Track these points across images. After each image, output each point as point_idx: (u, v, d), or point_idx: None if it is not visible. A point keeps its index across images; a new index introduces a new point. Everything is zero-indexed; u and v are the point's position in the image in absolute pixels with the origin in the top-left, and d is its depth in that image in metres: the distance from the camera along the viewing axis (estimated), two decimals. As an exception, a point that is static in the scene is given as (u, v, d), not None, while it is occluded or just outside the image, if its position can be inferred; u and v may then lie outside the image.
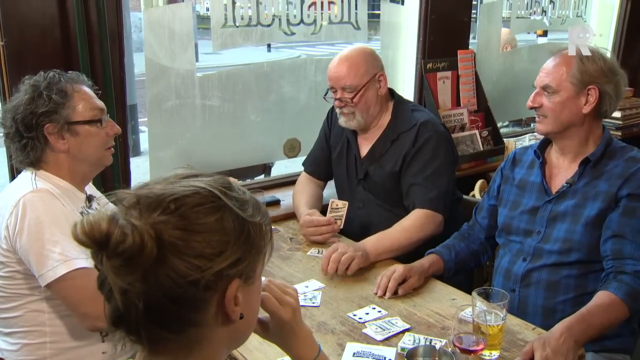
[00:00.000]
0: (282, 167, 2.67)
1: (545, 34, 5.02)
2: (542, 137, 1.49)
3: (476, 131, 2.60)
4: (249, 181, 2.48)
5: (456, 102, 2.62)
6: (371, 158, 1.83)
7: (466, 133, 2.58)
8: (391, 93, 1.87)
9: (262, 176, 2.89)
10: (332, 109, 2.01)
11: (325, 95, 1.84)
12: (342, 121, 1.80)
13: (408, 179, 1.74)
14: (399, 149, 1.77)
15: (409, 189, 1.73)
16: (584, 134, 1.40)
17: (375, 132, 1.83)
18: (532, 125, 3.42)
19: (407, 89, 2.57)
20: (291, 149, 2.31)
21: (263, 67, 2.21)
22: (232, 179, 0.74)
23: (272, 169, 2.97)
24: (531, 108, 1.39)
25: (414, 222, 1.67)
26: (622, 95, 1.39)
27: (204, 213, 0.64)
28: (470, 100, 2.65)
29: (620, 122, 3.27)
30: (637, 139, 3.33)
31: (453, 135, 2.49)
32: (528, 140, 2.85)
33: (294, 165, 2.24)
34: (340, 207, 1.77)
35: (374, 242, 1.61)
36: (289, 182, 2.26)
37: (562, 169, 1.44)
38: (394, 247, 1.63)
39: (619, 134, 3.23)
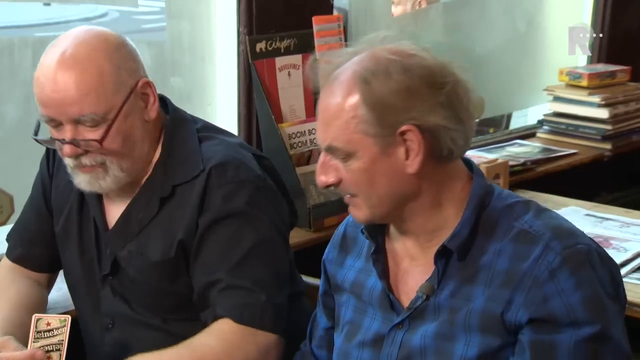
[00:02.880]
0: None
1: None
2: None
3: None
4: None
5: (314, 109, 2.35)
6: (124, 233, 1.66)
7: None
8: (163, 106, 1.68)
9: None
10: None
11: (37, 132, 1.61)
12: (82, 182, 1.59)
13: (199, 275, 1.60)
14: (176, 215, 1.62)
15: (205, 292, 1.59)
16: (430, 202, 1.28)
17: (134, 184, 1.66)
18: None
19: (222, 92, 2.43)
20: None
21: None
22: None
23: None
24: (327, 187, 1.28)
25: (216, 340, 1.54)
26: (473, 111, 1.25)
27: None
28: (340, 103, 2.45)
29: (609, 127, 3.11)
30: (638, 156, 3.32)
31: (310, 168, 2.33)
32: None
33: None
34: (55, 328, 1.52)
35: None
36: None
37: (414, 262, 1.33)
38: None
39: (608, 147, 3.12)
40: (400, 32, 2.81)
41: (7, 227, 1.95)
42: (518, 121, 3.71)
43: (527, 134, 3.21)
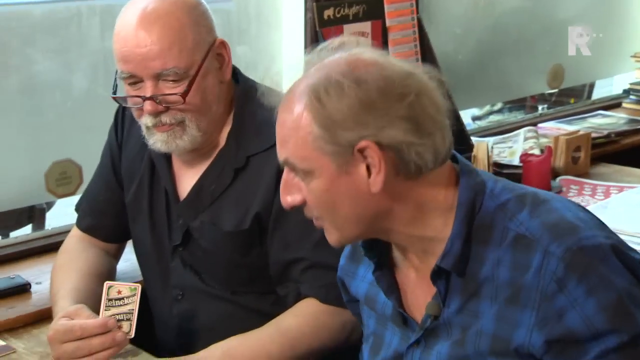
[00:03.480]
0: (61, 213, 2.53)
1: None
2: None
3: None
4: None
5: None
6: (196, 204, 1.67)
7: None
8: (233, 75, 1.68)
9: (30, 228, 2.72)
10: (124, 107, 1.77)
11: (115, 90, 1.62)
12: (158, 141, 1.60)
13: (279, 251, 1.63)
14: (250, 187, 1.63)
15: (286, 269, 1.63)
16: (409, 218, 1.21)
17: (206, 154, 1.66)
18: (540, 108, 3.49)
19: (288, 61, 2.45)
20: (62, 181, 2.11)
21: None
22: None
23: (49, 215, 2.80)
24: (292, 208, 1.25)
25: (304, 321, 1.57)
26: (443, 119, 1.17)
27: None
28: (412, 72, 2.47)
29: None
30: None
31: None
32: (523, 139, 2.64)
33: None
34: (125, 297, 1.57)
35: (221, 355, 1.51)
36: (58, 244, 1.93)
37: (420, 273, 1.27)
38: None
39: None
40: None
41: (76, 197, 2.00)
42: (601, 91, 3.60)
43: (612, 104, 3.10)
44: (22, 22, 2.00)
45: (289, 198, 1.22)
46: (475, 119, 3.76)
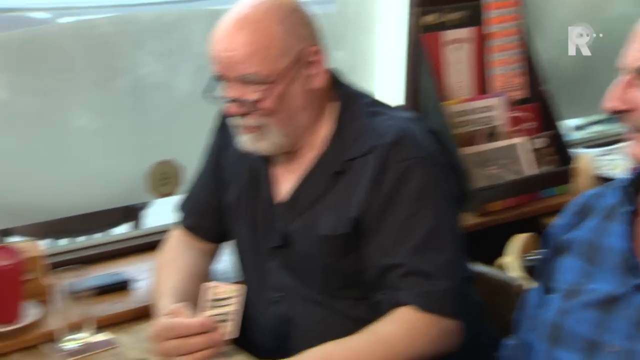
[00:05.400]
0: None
1: None
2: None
3: (521, 139, 2.44)
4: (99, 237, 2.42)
5: (482, 87, 2.47)
6: (295, 207, 1.72)
7: (502, 143, 2.42)
8: (334, 80, 1.73)
9: (130, 227, 2.83)
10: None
11: (209, 90, 1.71)
12: (244, 142, 1.69)
13: (376, 256, 1.65)
14: (348, 191, 1.67)
15: (383, 275, 1.64)
16: None
17: (304, 158, 1.72)
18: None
19: (388, 66, 2.47)
20: (163, 181, 2.19)
21: (99, 26, 2.07)
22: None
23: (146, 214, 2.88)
24: (613, 113, 1.29)
25: (402, 328, 1.59)
26: None
27: None
28: (512, 80, 2.51)
29: None
30: None
31: (475, 149, 2.37)
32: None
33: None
34: (227, 297, 1.60)
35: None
36: (154, 243, 2.02)
37: None
38: None
39: None
40: (583, 2, 2.76)
41: (175, 198, 2.07)
42: None
43: None
44: (132, 26, 2.10)
45: (610, 104, 1.29)
46: (577, 128, 3.68)
